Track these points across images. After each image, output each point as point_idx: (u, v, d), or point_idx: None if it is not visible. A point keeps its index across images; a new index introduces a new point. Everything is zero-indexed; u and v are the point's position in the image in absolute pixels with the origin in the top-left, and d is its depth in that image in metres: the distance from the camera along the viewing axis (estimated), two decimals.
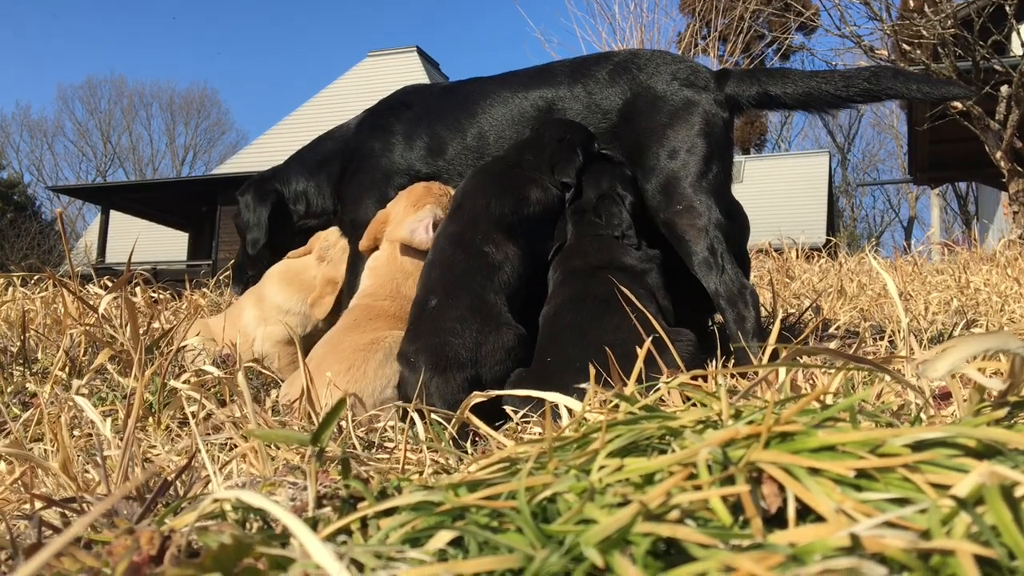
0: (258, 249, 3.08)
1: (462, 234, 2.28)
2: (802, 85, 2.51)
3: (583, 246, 2.33)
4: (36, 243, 31.46)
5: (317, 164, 3.10)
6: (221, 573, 0.65)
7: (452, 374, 1.96)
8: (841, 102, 2.51)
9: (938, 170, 15.03)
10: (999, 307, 3.98)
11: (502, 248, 2.24)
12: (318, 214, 3.11)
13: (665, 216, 2.44)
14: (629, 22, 14.68)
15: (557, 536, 0.66)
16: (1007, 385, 0.91)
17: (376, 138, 2.93)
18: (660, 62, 2.63)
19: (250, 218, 3.10)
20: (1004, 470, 0.63)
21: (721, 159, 2.50)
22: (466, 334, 2.03)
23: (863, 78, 2.46)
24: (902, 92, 2.46)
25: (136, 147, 48.21)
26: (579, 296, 2.17)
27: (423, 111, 2.90)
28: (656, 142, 2.50)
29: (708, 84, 2.56)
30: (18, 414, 2.09)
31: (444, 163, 2.81)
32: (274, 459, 1.38)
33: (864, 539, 0.58)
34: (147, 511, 1.02)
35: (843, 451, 0.73)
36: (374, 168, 2.88)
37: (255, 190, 3.13)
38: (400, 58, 24.97)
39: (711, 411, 0.97)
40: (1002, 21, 9.08)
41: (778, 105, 2.59)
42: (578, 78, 2.69)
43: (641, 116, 2.56)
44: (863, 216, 42.59)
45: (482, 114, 2.78)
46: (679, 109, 2.51)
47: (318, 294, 2.84)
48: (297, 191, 3.10)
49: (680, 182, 2.43)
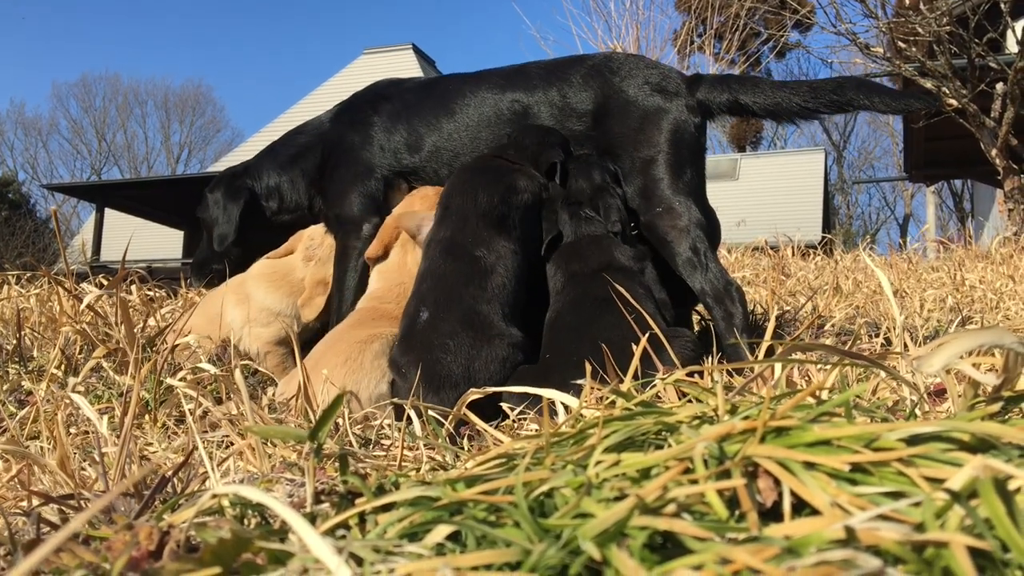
0: (225, 246, 3.03)
1: (452, 239, 2.26)
2: (771, 95, 2.55)
3: (581, 249, 2.34)
4: (31, 241, 31.35)
5: (290, 159, 3.07)
6: (220, 567, 0.65)
7: (446, 393, 1.95)
8: (808, 113, 2.55)
9: (934, 167, 15.06)
10: (994, 304, 3.99)
11: (494, 248, 2.22)
12: (292, 209, 3.07)
13: (646, 218, 2.47)
14: (625, 19, 14.70)
15: (554, 530, 0.67)
16: (1001, 380, 0.92)
17: (355, 131, 2.91)
18: (633, 66, 2.66)
19: (219, 215, 3.04)
20: (998, 464, 0.64)
21: (694, 164, 2.54)
22: (458, 351, 2.00)
23: (829, 89, 2.50)
24: (866, 104, 2.50)
25: (131, 145, 48.04)
26: (579, 299, 2.18)
27: (401, 105, 2.90)
28: (631, 146, 2.53)
29: (680, 90, 2.59)
30: (14, 412, 2.09)
31: (421, 159, 2.81)
32: (271, 456, 1.38)
33: (859, 532, 0.59)
34: (145, 508, 1.02)
35: (838, 446, 0.74)
36: (355, 162, 2.86)
37: (226, 186, 3.08)
38: (396, 55, 24.93)
39: (707, 407, 0.97)
40: (997, 19, 9.10)
41: (748, 113, 2.64)
42: (553, 80, 2.71)
43: (614, 120, 2.59)
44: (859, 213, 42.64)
45: (459, 112, 2.78)
46: (651, 114, 2.54)
47: (308, 295, 2.81)
48: (270, 186, 3.06)
49: (657, 185, 2.47)
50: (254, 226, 3.06)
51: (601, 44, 14.56)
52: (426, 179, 2.81)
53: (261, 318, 2.77)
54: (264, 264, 2.94)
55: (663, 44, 15.38)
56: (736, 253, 7.20)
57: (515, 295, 2.20)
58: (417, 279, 2.27)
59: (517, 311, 2.19)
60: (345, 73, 25.58)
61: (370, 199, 2.80)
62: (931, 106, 2.69)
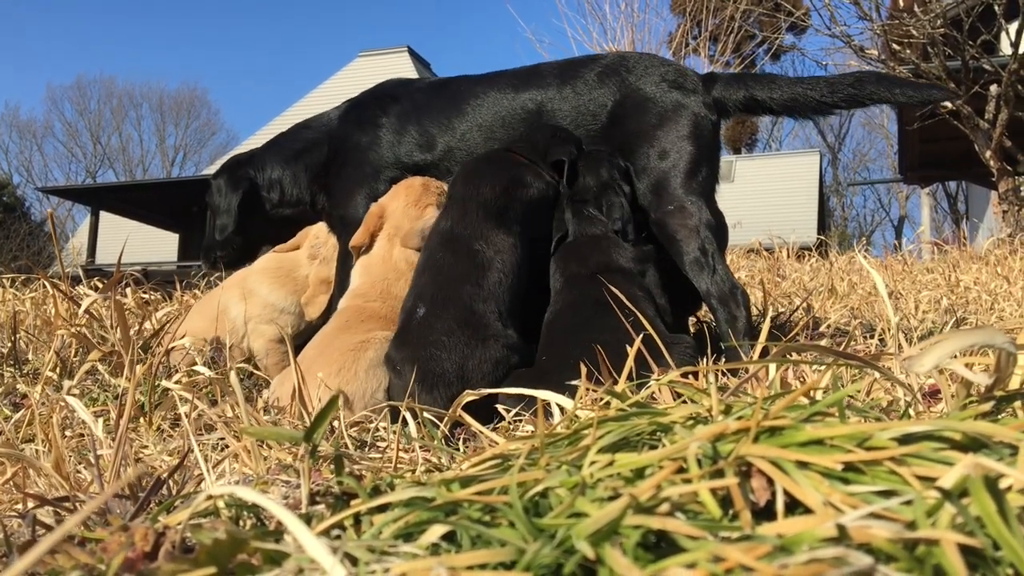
0: (226, 235, 3.02)
1: (451, 231, 2.25)
2: (788, 91, 2.54)
3: (580, 249, 2.33)
4: (25, 244, 31.25)
5: (295, 153, 3.04)
6: (216, 568, 0.65)
7: (439, 391, 1.95)
8: (826, 108, 2.54)
9: (928, 169, 15.10)
10: (989, 305, 4.01)
11: (492, 242, 2.20)
12: (292, 203, 3.05)
13: (656, 216, 2.45)
14: (620, 22, 14.73)
15: (549, 529, 0.67)
16: (993, 380, 0.92)
17: (363, 131, 2.89)
18: (649, 65, 2.66)
19: (220, 203, 3.04)
20: (989, 462, 0.64)
21: (709, 162, 2.53)
22: (453, 348, 2.00)
23: (847, 83, 2.49)
24: (886, 97, 2.49)
25: (126, 148, 47.96)
26: (578, 301, 2.17)
27: (411, 106, 2.88)
28: (646, 143, 2.51)
29: (696, 87, 2.58)
30: (9, 415, 2.09)
31: (432, 160, 2.79)
32: (266, 459, 1.38)
33: (851, 530, 0.59)
34: (140, 509, 1.02)
35: (831, 445, 0.74)
36: (362, 162, 2.84)
37: (228, 175, 3.07)
38: (391, 58, 24.96)
39: (701, 407, 0.98)
40: (991, 21, 9.13)
41: (764, 110, 2.63)
42: (567, 79, 2.70)
43: (630, 118, 2.58)
44: (854, 215, 42.73)
45: (472, 112, 2.77)
46: (668, 111, 2.53)
47: (312, 293, 2.81)
48: (271, 179, 3.04)
49: (671, 183, 2.45)
50: (254, 217, 3.05)
51: (596, 46, 14.60)
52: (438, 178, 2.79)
53: (264, 314, 2.77)
54: (269, 259, 2.93)
55: (658, 46, 15.42)
56: (731, 255, 7.21)
57: (512, 293, 2.17)
58: (416, 271, 2.26)
59: (515, 310, 2.17)
60: (341, 76, 25.60)
61: (375, 200, 2.78)
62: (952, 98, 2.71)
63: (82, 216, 34.21)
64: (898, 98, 2.49)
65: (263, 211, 3.06)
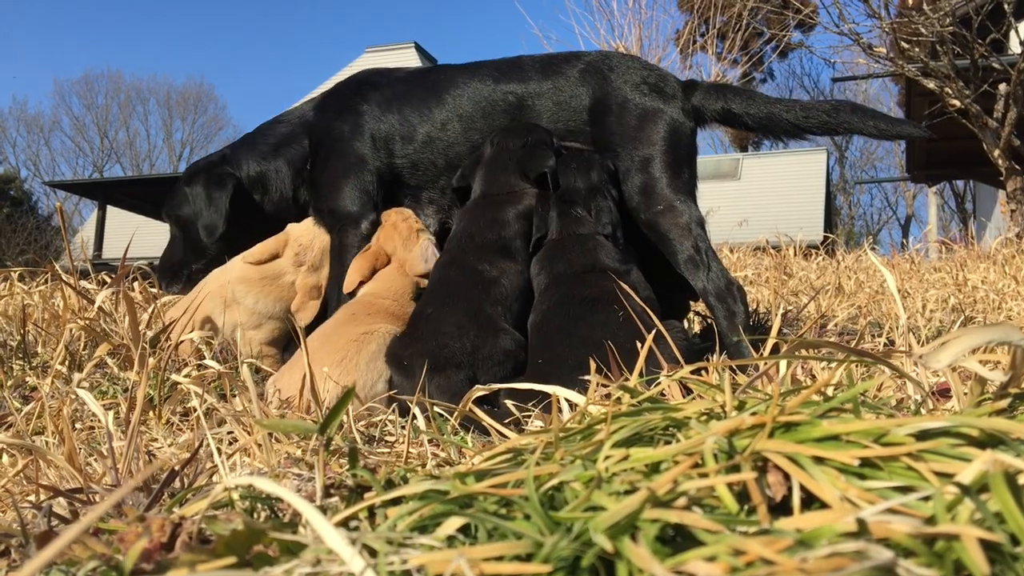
0: (215, 238, 2.88)
1: (454, 257, 2.33)
2: (764, 108, 2.57)
3: (565, 248, 2.32)
4: (33, 238, 31.35)
5: (272, 148, 2.95)
6: (234, 558, 0.66)
7: (451, 372, 1.97)
8: (799, 131, 2.57)
9: (936, 168, 15.06)
10: (996, 304, 3.99)
11: (496, 265, 2.27)
12: (276, 200, 2.95)
13: (647, 216, 2.48)
14: (628, 19, 14.71)
15: (566, 523, 0.67)
16: (1008, 377, 0.92)
17: (344, 121, 2.83)
18: (631, 66, 2.68)
19: (202, 207, 2.88)
20: (1008, 458, 0.64)
21: (689, 165, 2.57)
22: (463, 338, 2.03)
23: (823, 110, 2.52)
24: (859, 128, 2.51)
25: (133, 142, 47.98)
26: (564, 299, 2.17)
27: (391, 94, 2.85)
28: (629, 144, 2.55)
29: (676, 93, 2.61)
30: (19, 407, 2.09)
31: (414, 150, 2.78)
32: (276, 453, 1.38)
33: (870, 524, 0.59)
34: (154, 501, 1.02)
35: (847, 441, 0.74)
36: (347, 153, 2.79)
37: (207, 177, 2.91)
38: (398, 53, 24.95)
39: (714, 403, 0.98)
40: (1000, 19, 9.10)
41: (739, 124, 2.66)
42: (548, 74, 2.71)
43: (611, 118, 2.60)
44: (861, 214, 42.57)
45: (452, 102, 2.75)
46: (649, 114, 2.56)
47: (301, 300, 2.74)
48: (251, 176, 2.93)
49: (657, 183, 2.49)
50: (241, 217, 2.92)
51: (604, 43, 14.58)
52: (422, 170, 2.78)
53: (252, 321, 2.70)
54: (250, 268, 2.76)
55: (665, 43, 15.41)
56: (738, 253, 7.20)
57: (518, 306, 2.24)
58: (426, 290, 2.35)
59: (520, 324, 2.22)
60: (348, 71, 25.59)
61: (365, 194, 2.75)
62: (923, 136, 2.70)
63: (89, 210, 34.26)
64: (871, 131, 2.51)
65: (250, 210, 2.95)
